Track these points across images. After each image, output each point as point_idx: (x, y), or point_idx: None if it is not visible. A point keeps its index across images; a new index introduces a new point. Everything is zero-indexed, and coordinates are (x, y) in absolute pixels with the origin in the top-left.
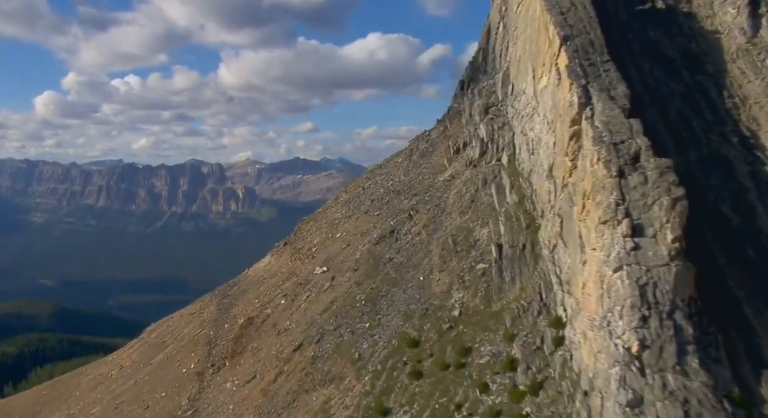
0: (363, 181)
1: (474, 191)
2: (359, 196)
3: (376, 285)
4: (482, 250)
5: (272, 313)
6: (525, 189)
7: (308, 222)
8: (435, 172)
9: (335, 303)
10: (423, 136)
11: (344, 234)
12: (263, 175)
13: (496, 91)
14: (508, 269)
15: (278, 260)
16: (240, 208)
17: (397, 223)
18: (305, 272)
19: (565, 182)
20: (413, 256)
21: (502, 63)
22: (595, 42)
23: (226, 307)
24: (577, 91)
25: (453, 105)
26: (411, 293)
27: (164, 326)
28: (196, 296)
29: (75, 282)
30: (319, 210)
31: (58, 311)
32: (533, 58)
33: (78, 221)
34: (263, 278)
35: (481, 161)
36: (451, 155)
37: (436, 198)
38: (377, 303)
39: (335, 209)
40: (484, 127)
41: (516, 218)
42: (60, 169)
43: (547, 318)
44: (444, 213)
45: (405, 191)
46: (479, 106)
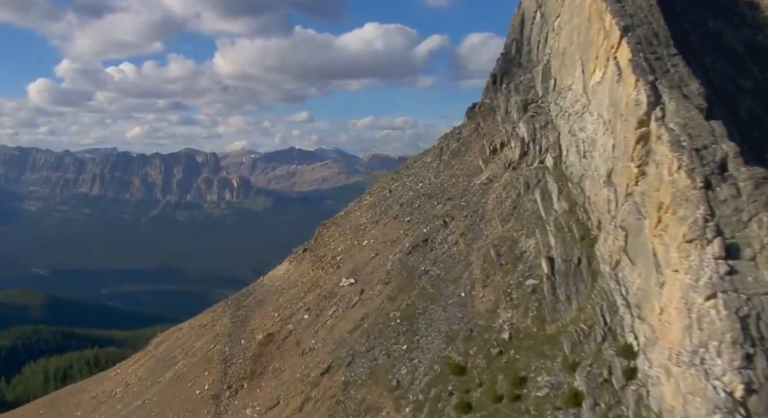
0: (388, 182)
1: (515, 196)
2: (386, 199)
3: (411, 301)
4: (530, 263)
5: (295, 329)
6: (576, 196)
7: (329, 227)
8: (470, 174)
9: (366, 320)
10: (453, 134)
11: (372, 242)
12: (258, 165)
13: (535, 86)
14: (562, 286)
15: (297, 269)
16: (235, 197)
17: (430, 230)
18: (330, 284)
19: (629, 191)
20: (451, 268)
21: (540, 56)
22: (660, 33)
23: (242, 320)
24: (644, 88)
25: (485, 101)
26: (452, 311)
27: (173, 339)
28: (190, 285)
29: (68, 271)
30: (341, 213)
31: (51, 301)
32: (582, 50)
33: (71, 210)
34: (282, 289)
35: (522, 163)
36: (486, 156)
37: (473, 203)
38: (414, 322)
39: (359, 212)
40: (524, 125)
41: (568, 228)
42: (53, 157)
43: (614, 346)
44: (483, 220)
45: (437, 195)
46: (517, 103)
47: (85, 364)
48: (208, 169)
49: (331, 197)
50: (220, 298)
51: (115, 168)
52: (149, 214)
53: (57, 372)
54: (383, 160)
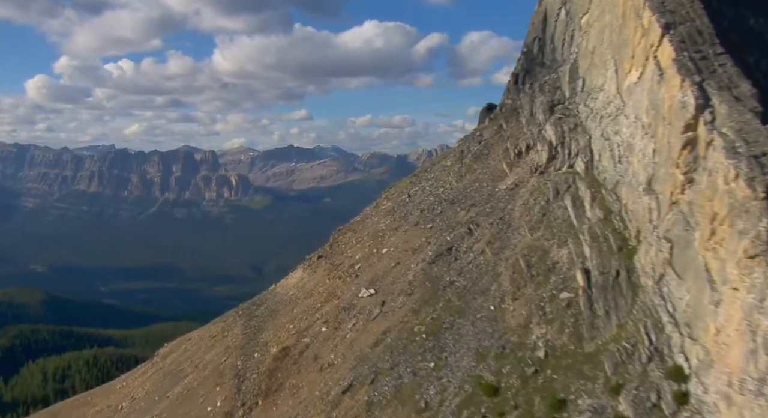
0: (407, 186)
1: (544, 203)
2: (405, 204)
3: (437, 314)
4: (564, 275)
5: (312, 343)
6: (611, 203)
7: (345, 233)
8: (494, 178)
9: (389, 335)
10: (474, 137)
11: (392, 250)
12: (257, 163)
13: (561, 86)
14: (599, 300)
15: (312, 277)
16: (233, 195)
17: (454, 238)
18: (348, 294)
19: (674, 199)
20: (478, 279)
21: (565, 55)
22: (704, 31)
23: (254, 331)
24: (691, 89)
25: (506, 101)
26: (481, 325)
27: (181, 350)
28: (188, 283)
29: (66, 268)
30: (357, 219)
31: (49, 299)
32: (616, 49)
33: (69, 207)
34: (296, 298)
35: (549, 167)
36: (511, 159)
37: (498, 210)
38: (441, 337)
39: (377, 218)
40: (551, 128)
41: (603, 238)
42: (51, 154)
43: (662, 367)
44: (510, 228)
45: (460, 201)
46: (542, 104)
47: (84, 364)
48: (207, 166)
49: (329, 195)
50: (218, 295)
51: (113, 165)
52: (147, 211)
53: (55, 372)
54: (382, 158)
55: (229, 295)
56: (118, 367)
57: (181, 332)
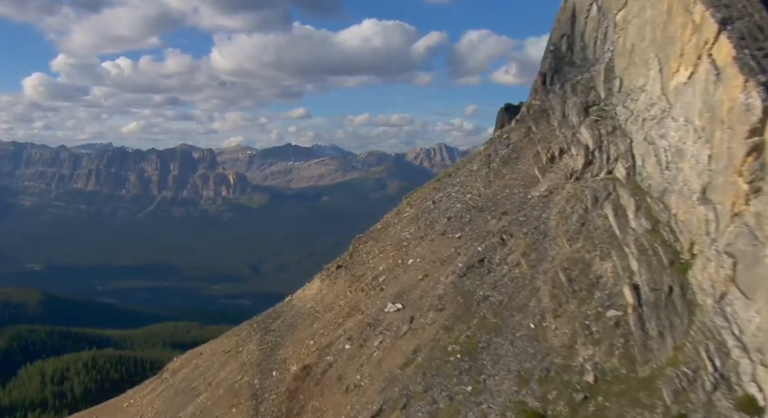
0: (430, 192)
1: (582, 211)
2: (430, 211)
3: (471, 332)
4: (609, 291)
5: (335, 361)
6: (657, 212)
7: (366, 241)
8: (525, 184)
9: (419, 354)
10: (501, 139)
11: (418, 261)
12: (255, 161)
13: (595, 86)
14: (651, 319)
15: (332, 288)
16: (231, 194)
17: (486, 249)
18: (373, 309)
19: (736, 211)
20: (515, 294)
21: (598, 54)
22: (764, 26)
23: (271, 347)
24: (756, 90)
25: (533, 102)
26: (521, 345)
27: (192, 366)
28: (185, 281)
29: (63, 267)
30: (378, 226)
31: (46, 299)
32: (660, 47)
33: (67, 205)
34: (315, 311)
35: (586, 173)
36: (543, 164)
37: (532, 218)
38: (478, 358)
39: (399, 226)
40: (586, 131)
41: (652, 250)
42: (48, 153)
43: (731, 397)
44: (546, 238)
45: (490, 208)
46: (576, 106)
47: (82, 366)
48: (205, 165)
49: (328, 194)
50: (216, 294)
51: (110, 164)
52: (145, 210)
53: (54, 375)
54: (380, 156)
55: (227, 294)
56: (117, 369)
57: (179, 332)
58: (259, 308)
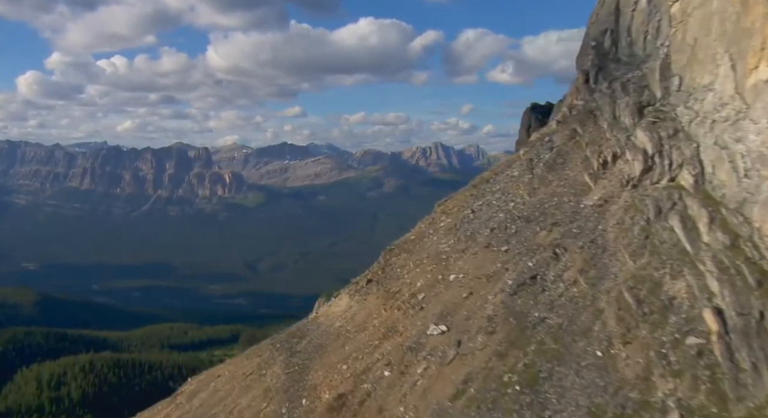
0: (467, 199)
1: (644, 223)
2: (469, 221)
3: (530, 360)
4: (686, 314)
5: (374, 390)
6: (736, 226)
7: (399, 254)
8: (575, 192)
9: (471, 384)
10: (542, 142)
11: (461, 277)
12: (250, 160)
13: (649, 85)
14: (742, 349)
15: (363, 306)
16: (227, 193)
17: (537, 264)
18: (413, 331)
19: None
20: (576, 317)
21: (649, 49)
22: None
23: (299, 371)
24: None
25: (575, 102)
26: (589, 376)
27: (210, 389)
28: (181, 281)
29: (59, 266)
30: (411, 236)
31: (42, 299)
32: (731, 41)
33: (61, 204)
34: (346, 331)
35: (644, 180)
36: (594, 170)
37: (587, 230)
38: (540, 390)
39: (436, 237)
40: (643, 134)
41: (735, 269)
42: (43, 151)
43: None
44: (606, 253)
45: (537, 218)
46: (629, 106)
47: (80, 370)
48: (200, 164)
49: (324, 193)
50: (212, 294)
51: (105, 162)
52: (140, 209)
53: (50, 379)
54: (376, 155)
55: (223, 293)
56: (115, 372)
57: (177, 333)
58: (256, 307)
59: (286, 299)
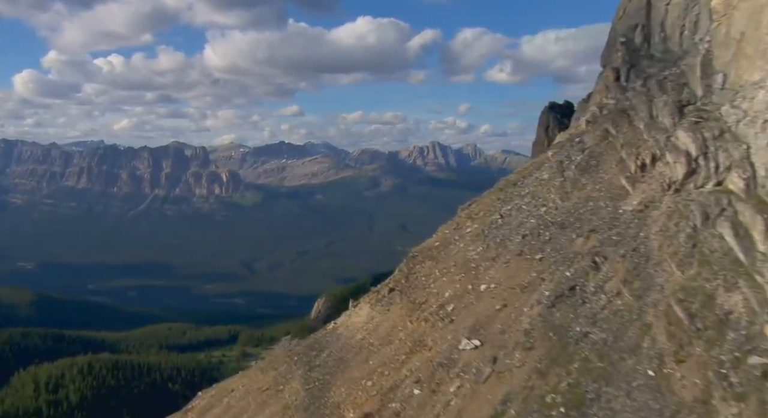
0: (494, 203)
1: (691, 230)
2: (498, 227)
3: (574, 379)
4: (746, 331)
5: (403, 409)
6: None
7: (423, 261)
8: (612, 197)
9: (511, 405)
10: (572, 144)
11: (493, 287)
12: (247, 159)
13: (688, 83)
14: None
15: (386, 317)
16: (224, 192)
17: (576, 274)
18: (444, 345)
19: None
20: (621, 332)
21: (686, 45)
22: None
23: (319, 387)
24: None
25: (604, 100)
26: (642, 398)
27: (223, 405)
28: (178, 280)
29: (55, 265)
30: (435, 242)
31: (38, 299)
32: None
33: (58, 203)
34: (368, 345)
35: (687, 184)
36: (632, 173)
37: (628, 237)
38: (588, 413)
39: (462, 244)
40: (686, 135)
41: None
42: (39, 150)
43: None
44: (650, 262)
45: (573, 224)
46: (668, 105)
47: (78, 372)
48: (197, 163)
49: (321, 192)
50: (209, 293)
51: (102, 161)
52: (137, 208)
53: (48, 382)
54: (373, 154)
55: (220, 293)
56: (113, 374)
57: (175, 334)
58: (254, 307)
59: (283, 298)
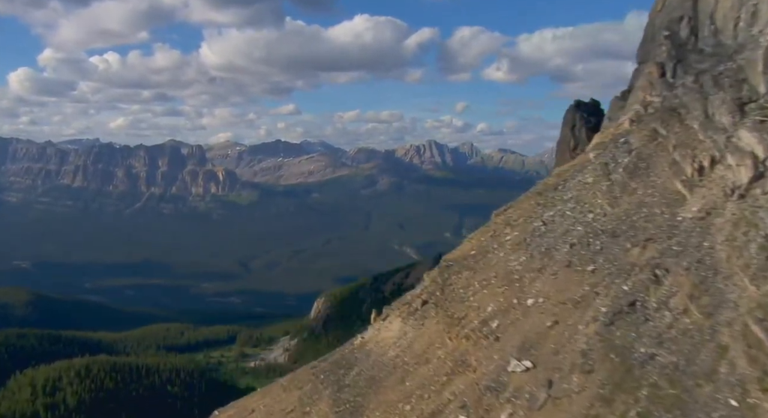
0: (534, 209)
1: (763, 240)
2: (541, 234)
3: (643, 407)
4: None
5: None
6: None
7: (459, 271)
8: (667, 202)
9: None
10: (616, 144)
11: (541, 301)
12: (244, 158)
13: (748, 79)
14: None
15: (420, 332)
16: (220, 190)
17: (634, 288)
18: (490, 366)
19: None
20: (693, 354)
21: (741, 37)
22: None
23: (351, 410)
24: None
25: (648, 98)
26: None
27: None
28: (175, 279)
29: (51, 264)
30: (471, 250)
31: (35, 299)
32: None
33: (54, 202)
34: (403, 363)
35: (753, 189)
36: (689, 177)
37: (691, 248)
38: None
39: (502, 253)
40: (750, 135)
41: None
42: (35, 148)
43: None
44: (719, 276)
45: (625, 233)
46: (726, 103)
47: (75, 375)
48: (194, 161)
49: (317, 191)
50: (206, 292)
51: (98, 159)
52: (133, 206)
53: (45, 385)
54: (369, 153)
55: (217, 291)
56: (112, 377)
57: (173, 334)
58: (250, 306)
59: (280, 297)
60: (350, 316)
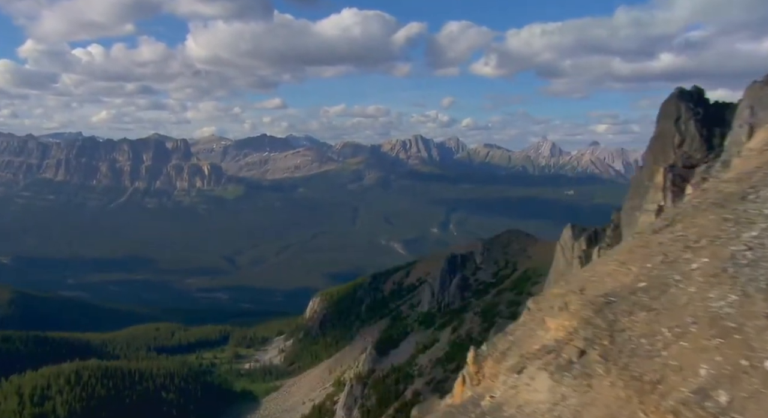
0: (720, 225)
1: None
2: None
3: None
4: None
5: None
6: None
7: (631, 311)
8: None
9: None
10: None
11: None
12: (229, 152)
13: None
14: None
15: (588, 397)
16: (205, 185)
17: None
18: None
19: None
20: None
21: None
22: None
23: None
24: None
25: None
26: None
27: None
28: (160, 274)
29: (32, 260)
30: (638, 282)
31: (17, 297)
32: None
33: (35, 196)
34: None
35: None
36: None
37: None
38: None
39: (693, 287)
40: None
41: None
42: (16, 141)
43: None
44: None
45: None
46: None
47: (65, 382)
48: (178, 155)
49: (304, 185)
50: (191, 287)
51: (81, 153)
52: (117, 201)
53: (33, 393)
54: (356, 148)
55: (203, 287)
56: (103, 383)
57: (163, 335)
58: (237, 302)
59: (268, 293)
60: (348, 316)
